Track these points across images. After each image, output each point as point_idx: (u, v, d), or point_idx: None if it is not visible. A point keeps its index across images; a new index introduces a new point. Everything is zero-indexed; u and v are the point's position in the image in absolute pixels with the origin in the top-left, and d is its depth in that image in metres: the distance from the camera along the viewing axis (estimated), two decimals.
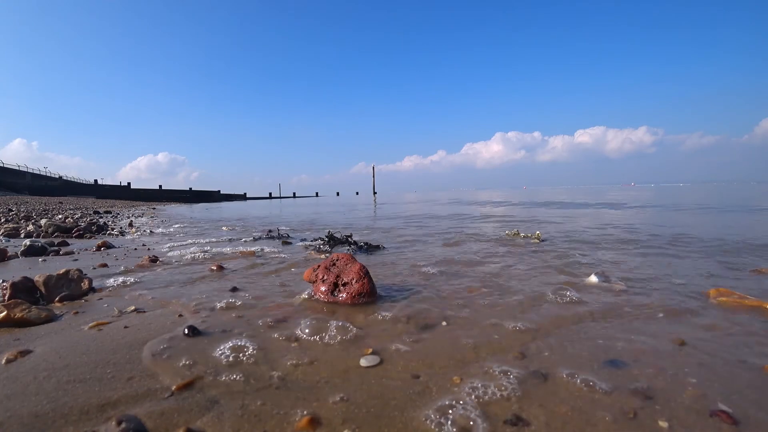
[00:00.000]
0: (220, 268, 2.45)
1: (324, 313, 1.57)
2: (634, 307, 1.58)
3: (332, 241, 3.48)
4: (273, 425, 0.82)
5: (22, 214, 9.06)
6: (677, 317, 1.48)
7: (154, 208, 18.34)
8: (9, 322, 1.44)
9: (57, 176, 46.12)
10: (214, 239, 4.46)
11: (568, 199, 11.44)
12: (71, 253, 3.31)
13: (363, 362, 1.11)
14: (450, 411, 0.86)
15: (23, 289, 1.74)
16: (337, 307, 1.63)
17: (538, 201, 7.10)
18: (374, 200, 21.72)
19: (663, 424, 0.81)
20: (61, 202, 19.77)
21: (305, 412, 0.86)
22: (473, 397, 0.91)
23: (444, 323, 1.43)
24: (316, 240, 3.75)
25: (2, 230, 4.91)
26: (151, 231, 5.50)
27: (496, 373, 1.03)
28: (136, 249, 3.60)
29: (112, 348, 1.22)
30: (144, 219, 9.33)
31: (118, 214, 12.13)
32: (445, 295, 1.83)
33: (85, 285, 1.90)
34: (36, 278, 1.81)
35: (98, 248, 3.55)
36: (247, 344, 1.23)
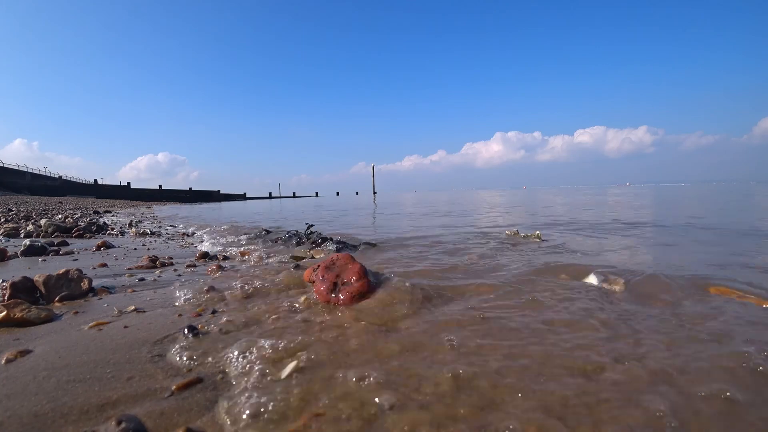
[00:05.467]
0: (220, 268, 2.45)
1: (324, 312, 1.57)
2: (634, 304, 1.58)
3: (338, 243, 3.48)
4: (274, 425, 0.82)
5: (22, 214, 9.06)
6: (676, 316, 1.48)
7: (149, 207, 18.31)
8: (9, 322, 1.44)
9: (57, 176, 46.09)
10: (213, 239, 4.46)
11: (568, 204, 11.45)
12: (71, 253, 3.31)
13: (367, 355, 1.11)
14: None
15: (23, 289, 1.74)
16: (337, 306, 1.63)
17: (543, 214, 6.91)
18: (374, 200, 21.72)
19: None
20: (60, 202, 19.76)
21: (306, 412, 0.86)
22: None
23: (442, 320, 1.43)
24: (324, 241, 3.75)
25: (2, 230, 4.90)
26: (150, 231, 5.50)
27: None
28: (135, 249, 3.60)
29: (112, 348, 1.22)
30: (143, 219, 9.32)
31: (118, 213, 12.13)
32: (443, 292, 1.83)
33: (84, 285, 1.90)
34: (36, 278, 1.81)
35: (98, 248, 3.55)
36: (247, 344, 1.23)
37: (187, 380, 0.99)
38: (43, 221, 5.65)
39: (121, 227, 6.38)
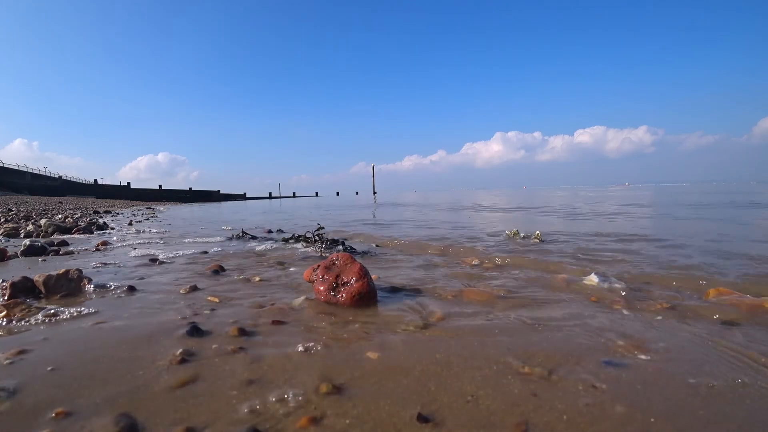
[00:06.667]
0: (220, 267, 2.45)
1: (324, 312, 1.58)
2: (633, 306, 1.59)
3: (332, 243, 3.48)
4: (274, 421, 0.82)
5: (22, 214, 9.06)
6: (676, 317, 1.48)
7: (149, 208, 18.28)
8: None
9: (57, 176, 46.09)
10: (213, 239, 4.46)
11: (569, 207, 11.45)
12: (71, 252, 3.31)
13: (368, 356, 1.11)
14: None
15: (23, 289, 1.74)
16: (337, 306, 1.63)
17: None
18: (374, 200, 21.72)
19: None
20: (60, 202, 19.75)
21: (305, 411, 0.86)
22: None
23: (442, 322, 1.43)
24: (317, 241, 3.75)
25: (2, 230, 4.90)
26: (150, 231, 5.50)
27: (493, 373, 1.03)
28: (135, 248, 3.60)
29: (111, 345, 1.22)
30: (143, 219, 9.32)
31: (118, 213, 12.12)
32: (443, 295, 1.83)
33: (84, 284, 1.90)
34: (36, 278, 1.81)
35: (98, 248, 3.55)
36: (249, 342, 1.23)
37: (188, 378, 1.00)
38: (43, 221, 5.65)
39: (120, 227, 6.38)
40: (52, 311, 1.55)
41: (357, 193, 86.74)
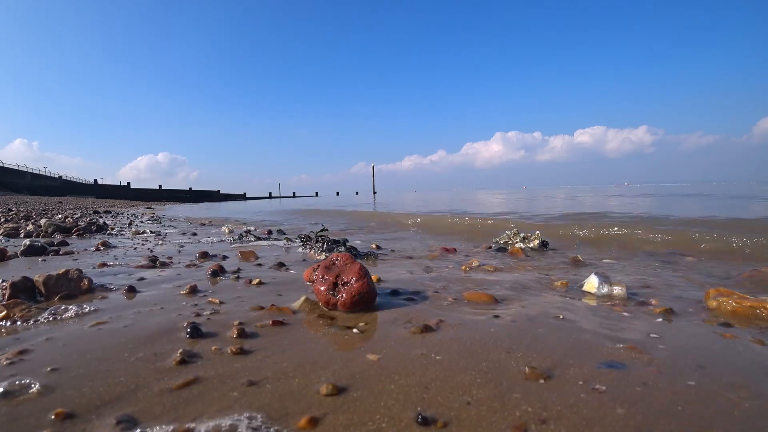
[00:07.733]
0: (221, 268, 2.45)
1: (324, 312, 1.58)
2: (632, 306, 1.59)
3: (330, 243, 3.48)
4: (275, 422, 0.82)
5: (22, 214, 9.06)
6: (676, 317, 1.48)
7: (149, 208, 18.27)
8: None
9: (57, 176, 46.16)
10: (214, 239, 4.46)
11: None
12: (71, 252, 3.31)
13: (368, 357, 1.11)
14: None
15: (23, 289, 1.74)
16: (337, 306, 1.63)
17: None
18: (374, 200, 21.70)
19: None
20: (60, 202, 19.75)
21: (306, 412, 0.86)
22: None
23: (442, 324, 1.43)
24: (318, 242, 3.75)
25: (2, 230, 4.90)
26: (150, 231, 5.50)
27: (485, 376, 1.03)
28: (135, 249, 3.60)
29: (111, 346, 1.22)
30: (144, 219, 9.32)
31: (118, 213, 12.12)
32: (443, 297, 1.83)
33: (84, 284, 1.90)
34: (36, 278, 1.81)
35: (98, 248, 3.55)
36: (249, 343, 1.23)
37: (188, 379, 1.00)
38: (43, 221, 5.65)
39: (120, 227, 6.38)
40: (53, 312, 1.55)
41: (357, 193, 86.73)
